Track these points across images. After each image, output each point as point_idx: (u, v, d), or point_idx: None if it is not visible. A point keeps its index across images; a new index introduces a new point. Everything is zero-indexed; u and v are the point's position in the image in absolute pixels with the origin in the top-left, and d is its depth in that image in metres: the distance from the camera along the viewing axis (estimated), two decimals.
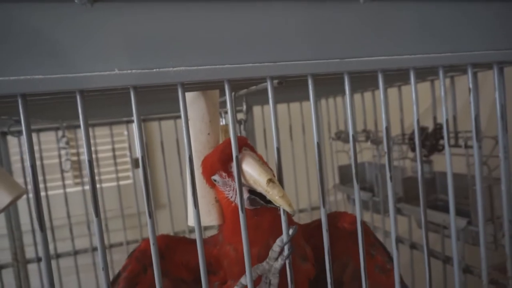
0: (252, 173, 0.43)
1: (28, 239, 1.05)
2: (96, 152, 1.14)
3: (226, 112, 0.86)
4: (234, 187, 0.48)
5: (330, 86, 0.84)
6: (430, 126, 0.86)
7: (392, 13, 0.44)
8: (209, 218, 0.52)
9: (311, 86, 0.42)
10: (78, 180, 1.48)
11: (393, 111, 0.46)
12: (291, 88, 0.75)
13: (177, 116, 1.12)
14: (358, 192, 0.45)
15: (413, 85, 0.46)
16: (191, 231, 1.19)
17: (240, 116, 0.66)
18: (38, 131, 1.04)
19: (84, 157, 0.36)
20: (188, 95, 0.51)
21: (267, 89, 0.41)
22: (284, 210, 0.42)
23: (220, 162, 0.47)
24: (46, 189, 1.06)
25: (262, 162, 0.45)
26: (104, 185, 1.15)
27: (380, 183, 0.99)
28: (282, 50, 0.39)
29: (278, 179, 0.43)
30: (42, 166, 1.06)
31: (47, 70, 0.33)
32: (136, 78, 0.35)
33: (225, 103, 0.61)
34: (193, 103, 0.51)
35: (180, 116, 1.31)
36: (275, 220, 0.43)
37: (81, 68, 0.34)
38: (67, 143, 0.94)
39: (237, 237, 0.41)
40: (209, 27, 0.37)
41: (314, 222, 0.58)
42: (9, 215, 1.02)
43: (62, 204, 1.08)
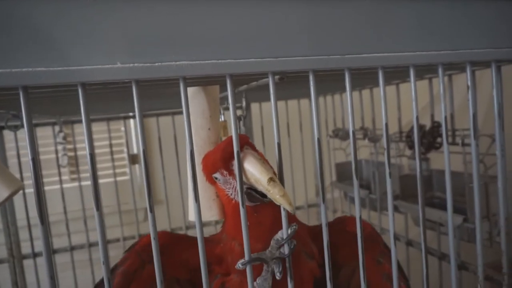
0: (253, 171, 0.43)
1: (24, 234, 1.04)
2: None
3: (224, 109, 0.86)
4: (235, 185, 0.48)
5: (327, 83, 0.84)
6: (427, 124, 0.86)
7: (393, 10, 0.44)
8: (210, 213, 0.52)
9: (312, 82, 0.42)
10: (74, 176, 1.47)
11: (390, 109, 0.46)
12: (290, 85, 0.75)
13: (174, 112, 1.11)
14: (358, 188, 0.45)
15: (412, 82, 0.46)
16: (187, 227, 1.19)
17: (239, 112, 0.66)
18: (34, 126, 1.04)
19: (81, 152, 0.36)
20: (189, 90, 0.51)
21: (266, 85, 0.41)
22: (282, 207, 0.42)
23: (222, 160, 0.47)
24: (42, 184, 1.06)
25: (263, 161, 0.45)
26: (100, 181, 1.14)
27: (377, 181, 1.00)
28: (284, 46, 0.40)
29: (278, 174, 0.43)
30: (39, 161, 1.06)
31: (49, 63, 0.33)
32: (138, 72, 0.35)
33: (223, 99, 0.61)
34: (193, 98, 0.51)
35: (178, 112, 1.30)
36: (278, 217, 0.43)
37: (83, 61, 0.34)
38: (64, 138, 0.93)
39: (241, 233, 0.41)
40: (212, 22, 0.37)
41: (320, 225, 0.57)
42: (4, 210, 1.02)
43: (58, 199, 1.08)
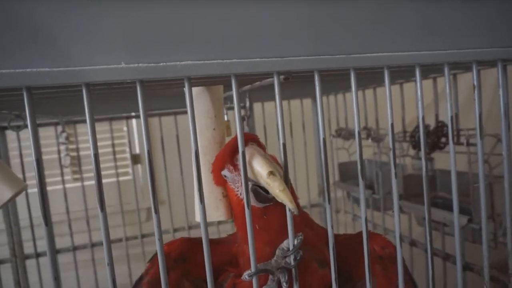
0: (254, 165, 0.43)
1: (27, 234, 1.04)
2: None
3: (228, 108, 0.85)
4: (242, 183, 0.48)
5: (330, 83, 0.84)
6: (432, 123, 0.86)
7: (398, 10, 0.44)
8: (217, 213, 0.52)
9: (317, 82, 0.42)
10: (76, 176, 1.47)
11: (394, 109, 0.46)
12: (293, 85, 0.74)
13: (177, 112, 1.11)
14: (364, 189, 0.45)
15: (418, 82, 0.46)
16: (190, 227, 1.19)
17: (242, 112, 0.66)
18: (37, 126, 1.03)
19: (84, 152, 0.36)
20: (193, 90, 0.51)
21: (270, 85, 0.41)
22: (289, 212, 0.42)
23: (228, 154, 0.47)
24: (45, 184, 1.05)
25: (268, 156, 0.45)
26: (103, 181, 1.14)
27: (380, 181, 1.00)
28: (289, 45, 0.39)
29: (284, 175, 0.43)
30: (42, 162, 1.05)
31: (53, 63, 0.33)
32: (143, 72, 0.35)
33: (226, 99, 0.61)
34: (198, 98, 0.51)
35: (180, 112, 1.30)
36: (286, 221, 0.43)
37: (87, 61, 0.34)
38: (66, 138, 0.93)
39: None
40: (216, 22, 0.37)
41: (342, 236, 0.57)
42: (7, 210, 1.01)
43: (60, 200, 1.08)
